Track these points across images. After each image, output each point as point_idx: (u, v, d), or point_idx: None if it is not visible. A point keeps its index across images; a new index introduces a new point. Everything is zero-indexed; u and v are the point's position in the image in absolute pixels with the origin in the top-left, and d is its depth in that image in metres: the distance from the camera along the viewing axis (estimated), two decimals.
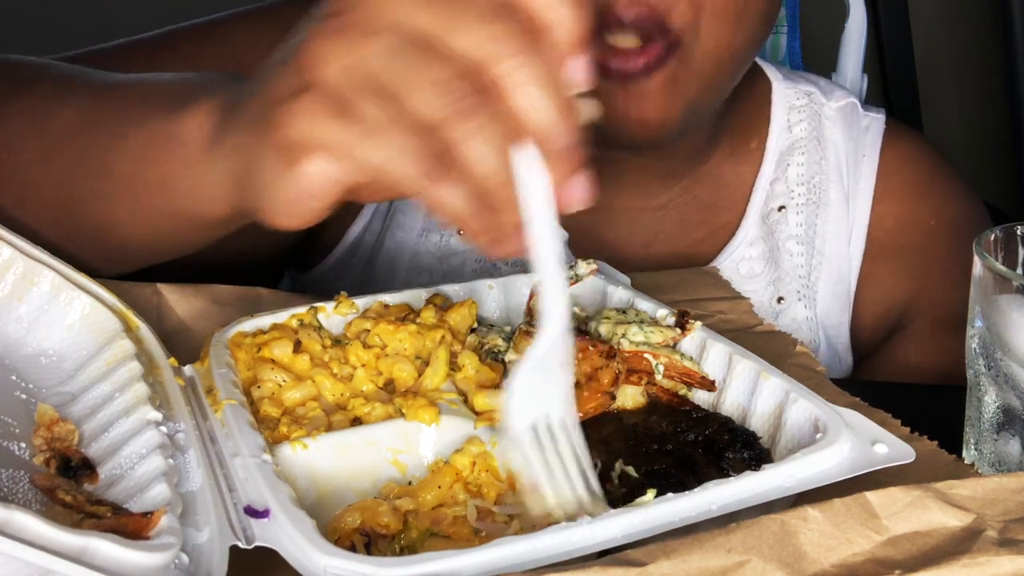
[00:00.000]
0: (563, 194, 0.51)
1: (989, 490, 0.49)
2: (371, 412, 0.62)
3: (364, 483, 0.58)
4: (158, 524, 0.47)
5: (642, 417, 0.63)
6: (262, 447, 0.55)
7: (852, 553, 0.47)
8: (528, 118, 0.49)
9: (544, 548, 0.47)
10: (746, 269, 1.01)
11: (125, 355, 0.62)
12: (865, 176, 1.04)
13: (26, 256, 0.66)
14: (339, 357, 0.65)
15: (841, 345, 1.03)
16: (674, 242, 1.02)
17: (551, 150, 0.50)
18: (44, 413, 0.58)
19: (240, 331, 0.68)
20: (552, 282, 0.53)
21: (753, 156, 1.04)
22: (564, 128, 0.50)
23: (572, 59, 0.50)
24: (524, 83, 0.49)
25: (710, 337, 0.66)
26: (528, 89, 0.49)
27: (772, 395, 0.60)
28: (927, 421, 0.60)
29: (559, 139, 0.50)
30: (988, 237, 0.65)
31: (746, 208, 1.02)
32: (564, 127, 0.50)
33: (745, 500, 0.50)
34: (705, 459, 0.59)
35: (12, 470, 0.52)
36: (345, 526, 0.54)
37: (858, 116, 1.06)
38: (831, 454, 0.53)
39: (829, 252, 1.02)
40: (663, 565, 0.44)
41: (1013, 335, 0.61)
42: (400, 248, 1.03)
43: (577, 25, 0.50)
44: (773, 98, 1.06)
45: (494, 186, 0.50)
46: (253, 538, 0.49)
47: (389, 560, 0.46)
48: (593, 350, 0.63)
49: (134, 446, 0.55)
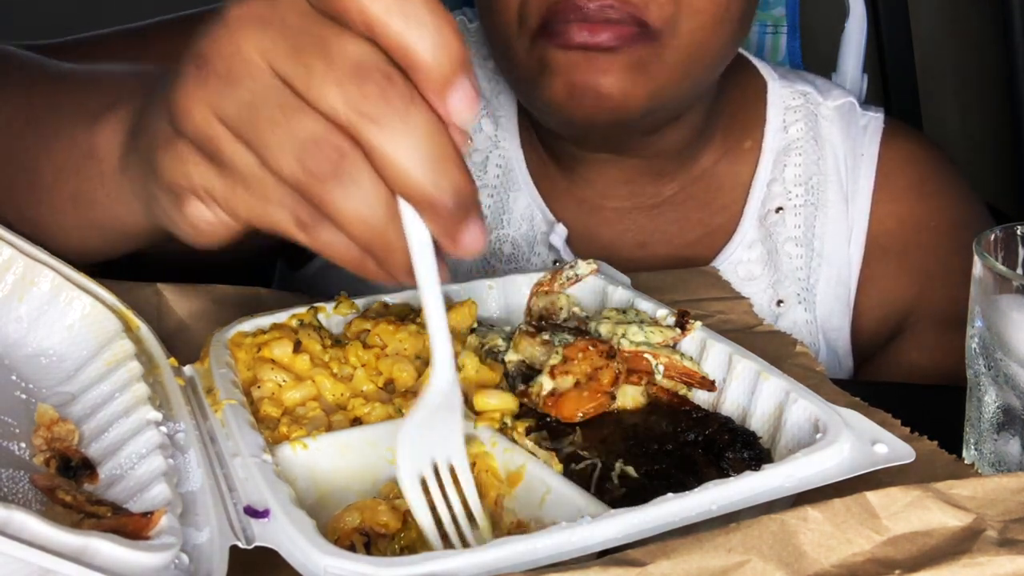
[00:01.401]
0: (451, 245, 0.48)
1: (989, 490, 0.49)
2: (371, 412, 0.62)
3: (364, 483, 0.58)
4: (158, 524, 0.47)
5: (642, 417, 0.63)
6: (262, 447, 0.55)
7: (852, 553, 0.47)
8: (399, 182, 0.46)
9: (544, 548, 0.47)
10: (744, 272, 1.00)
11: (125, 355, 0.62)
12: (864, 176, 1.03)
13: (26, 256, 0.66)
14: (339, 357, 0.65)
15: (841, 348, 1.03)
16: (670, 243, 1.02)
17: (431, 210, 0.47)
18: (44, 413, 0.58)
19: (240, 331, 0.68)
20: (437, 332, 0.51)
21: (748, 156, 1.04)
22: (440, 188, 0.46)
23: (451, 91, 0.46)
24: (393, 148, 0.45)
25: (710, 337, 0.66)
26: (397, 155, 0.45)
27: (772, 395, 0.60)
28: (927, 421, 0.60)
29: (436, 200, 0.46)
30: (988, 237, 0.65)
31: (743, 209, 1.02)
32: (440, 187, 0.46)
33: (745, 500, 0.50)
34: (705, 459, 0.59)
35: (12, 470, 0.52)
36: (344, 526, 0.54)
37: (856, 116, 1.06)
38: (831, 454, 0.53)
39: (828, 254, 1.02)
40: (663, 565, 0.44)
41: (1013, 335, 0.61)
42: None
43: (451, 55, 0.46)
44: (768, 98, 1.05)
45: (373, 236, 0.48)
46: (253, 538, 0.49)
47: (389, 560, 0.46)
48: (593, 350, 0.63)
49: (134, 446, 0.55)
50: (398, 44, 0.45)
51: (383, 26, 0.45)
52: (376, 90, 0.45)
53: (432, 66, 0.46)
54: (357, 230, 0.47)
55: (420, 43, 0.45)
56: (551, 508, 0.55)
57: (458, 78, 0.46)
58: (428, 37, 0.45)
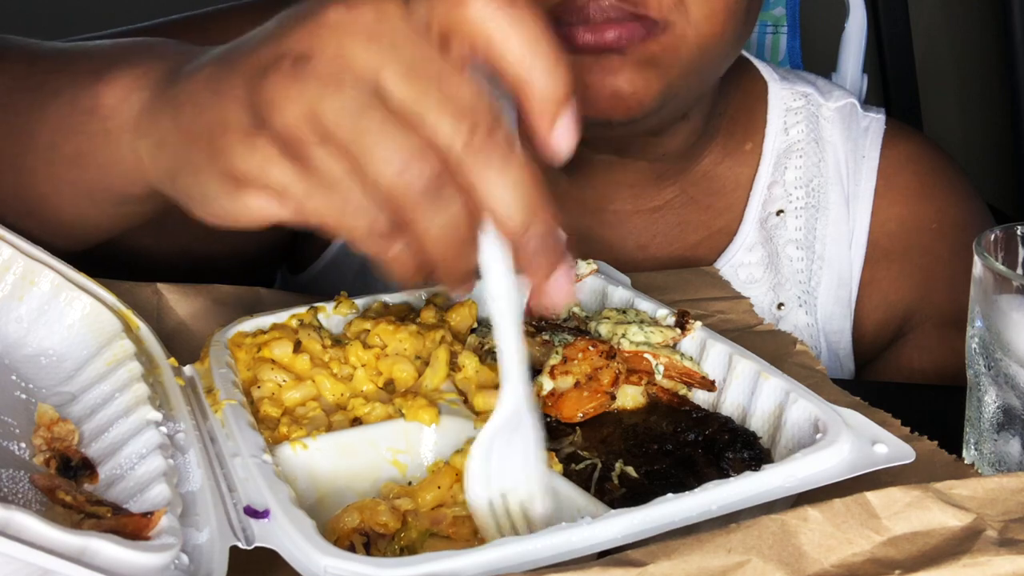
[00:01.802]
0: (541, 293, 0.50)
1: (989, 490, 0.49)
2: (371, 412, 0.62)
3: (364, 483, 0.58)
4: (158, 524, 0.47)
5: (642, 417, 0.63)
6: (262, 447, 0.55)
7: (852, 553, 0.47)
8: (498, 220, 0.48)
9: (544, 548, 0.47)
10: (745, 275, 1.00)
11: (125, 355, 0.62)
12: (865, 178, 1.03)
13: (26, 256, 0.66)
14: (339, 357, 0.65)
15: (843, 351, 1.03)
16: (671, 245, 1.02)
17: (523, 252, 0.49)
18: (44, 413, 0.58)
19: (240, 331, 0.68)
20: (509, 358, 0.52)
21: (749, 158, 1.03)
22: (536, 231, 0.49)
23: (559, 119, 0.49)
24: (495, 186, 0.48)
25: (710, 337, 0.66)
26: (500, 195, 0.48)
27: (772, 395, 0.60)
28: (927, 421, 0.60)
29: (531, 243, 0.49)
30: (988, 237, 0.65)
31: (743, 211, 1.02)
32: (536, 230, 0.49)
33: (745, 500, 0.50)
34: (705, 459, 0.59)
35: (12, 470, 0.52)
36: (344, 526, 0.54)
37: (857, 117, 1.05)
38: (831, 454, 0.53)
39: (830, 256, 1.02)
40: (663, 565, 0.44)
41: (1013, 335, 0.61)
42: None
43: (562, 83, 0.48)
44: (769, 99, 1.05)
45: (446, 256, 0.49)
46: (253, 538, 0.49)
47: (389, 560, 0.46)
48: (593, 350, 0.63)
49: (134, 446, 0.55)
50: (515, 70, 0.48)
51: (501, 48, 0.47)
52: (484, 131, 0.47)
53: (545, 94, 0.48)
54: (436, 247, 0.49)
55: (536, 70, 0.48)
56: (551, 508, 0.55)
57: (567, 107, 0.49)
58: (543, 64, 0.48)
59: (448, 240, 0.49)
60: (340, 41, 0.48)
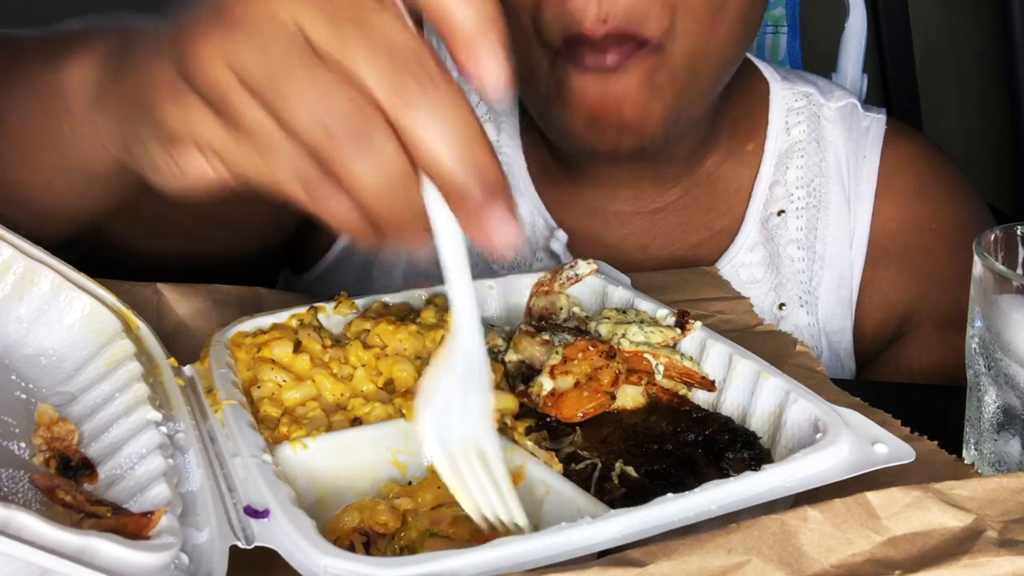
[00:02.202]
0: (478, 232, 0.47)
1: (989, 490, 0.49)
2: (371, 412, 0.62)
3: (364, 483, 0.58)
4: (158, 524, 0.47)
5: (642, 417, 0.63)
6: (262, 447, 0.55)
7: (852, 553, 0.47)
8: (428, 162, 0.45)
9: (544, 548, 0.47)
10: (746, 275, 1.00)
11: (125, 355, 0.62)
12: (866, 178, 1.03)
13: (26, 256, 0.65)
14: (339, 357, 0.65)
15: (844, 351, 1.03)
16: (672, 245, 1.02)
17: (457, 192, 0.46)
18: (44, 413, 0.58)
19: (240, 331, 0.68)
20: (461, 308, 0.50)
21: (750, 158, 1.03)
22: (468, 171, 0.45)
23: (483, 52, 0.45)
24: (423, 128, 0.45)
25: (710, 337, 0.66)
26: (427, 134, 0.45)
27: (772, 395, 0.60)
28: (927, 421, 0.60)
29: (464, 182, 0.45)
30: (988, 237, 0.65)
31: (745, 212, 1.02)
32: (468, 170, 0.45)
33: (745, 500, 0.50)
34: (705, 459, 0.59)
35: (12, 470, 0.52)
36: (344, 526, 0.54)
37: (858, 117, 1.05)
38: (831, 454, 0.53)
39: (830, 256, 1.02)
40: (663, 565, 0.44)
41: (1013, 335, 0.61)
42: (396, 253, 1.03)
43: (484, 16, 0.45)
44: (771, 100, 1.05)
45: (384, 205, 0.46)
46: (253, 538, 0.49)
47: (389, 560, 0.46)
48: (593, 350, 0.63)
49: (134, 446, 0.55)
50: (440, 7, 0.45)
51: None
52: (409, 71, 0.45)
53: (467, 25, 0.45)
54: (370, 196, 0.46)
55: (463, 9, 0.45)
56: (551, 508, 0.55)
57: (491, 39, 0.46)
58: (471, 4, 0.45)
59: (382, 187, 0.46)
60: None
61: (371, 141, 0.45)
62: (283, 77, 0.45)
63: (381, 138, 0.45)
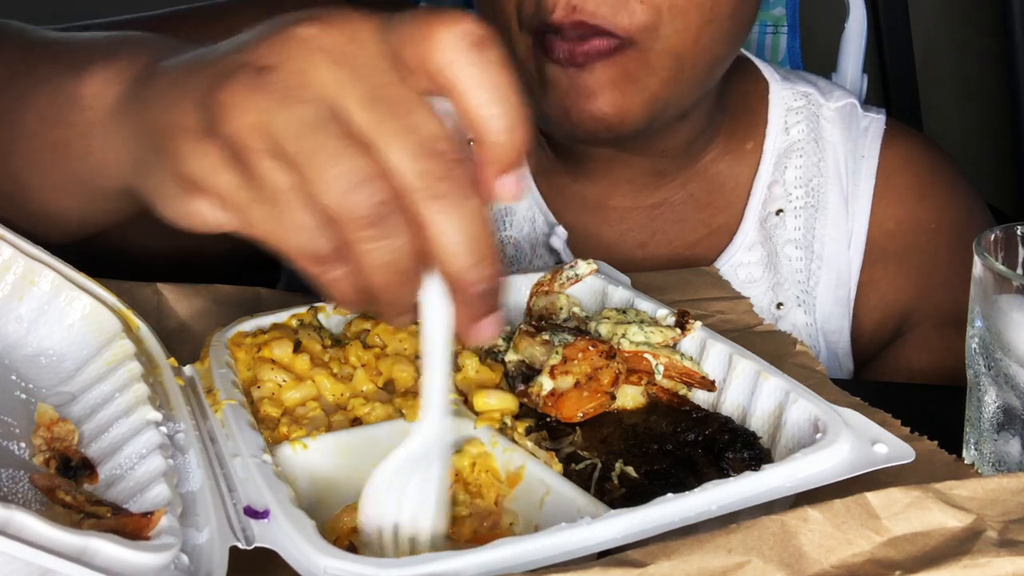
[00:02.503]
0: (469, 331, 0.50)
1: (989, 490, 0.49)
2: (371, 412, 0.62)
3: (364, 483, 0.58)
4: (158, 524, 0.47)
5: (642, 417, 0.63)
6: (262, 447, 0.55)
7: (852, 554, 0.47)
8: (445, 259, 0.47)
9: (544, 548, 0.47)
10: (745, 274, 1.00)
11: (125, 355, 0.62)
12: (865, 178, 1.03)
13: (26, 256, 0.66)
14: (339, 357, 0.65)
15: (842, 350, 1.03)
16: (671, 243, 1.02)
17: (462, 294, 0.48)
18: (44, 413, 0.58)
19: (240, 331, 0.68)
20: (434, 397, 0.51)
21: (750, 157, 1.03)
22: (479, 275, 0.47)
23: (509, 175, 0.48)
24: (446, 227, 0.46)
25: (710, 337, 0.66)
26: (449, 234, 0.47)
27: (772, 395, 0.60)
28: (927, 421, 0.60)
29: (473, 287, 0.48)
30: (988, 237, 0.65)
31: (744, 211, 1.02)
32: (479, 274, 0.47)
33: (745, 500, 0.50)
34: (705, 459, 0.59)
35: (12, 470, 0.52)
36: (343, 526, 0.54)
37: (857, 117, 1.05)
38: (831, 454, 0.53)
39: (828, 256, 1.02)
40: (663, 565, 0.44)
41: (1013, 335, 0.61)
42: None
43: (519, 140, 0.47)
44: (770, 99, 1.05)
45: (387, 289, 0.48)
46: (253, 538, 0.49)
47: (389, 560, 0.46)
48: (593, 350, 0.63)
49: (134, 446, 0.55)
50: (476, 115, 0.46)
51: (465, 91, 0.46)
52: (442, 170, 0.46)
53: (501, 148, 0.47)
54: (376, 278, 0.48)
55: (496, 122, 0.47)
56: (551, 508, 0.55)
57: (517, 165, 0.48)
58: (504, 117, 0.46)
59: (389, 271, 0.48)
60: (306, 56, 0.47)
61: (391, 229, 0.47)
62: (317, 151, 0.46)
63: (399, 227, 0.47)
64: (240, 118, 0.47)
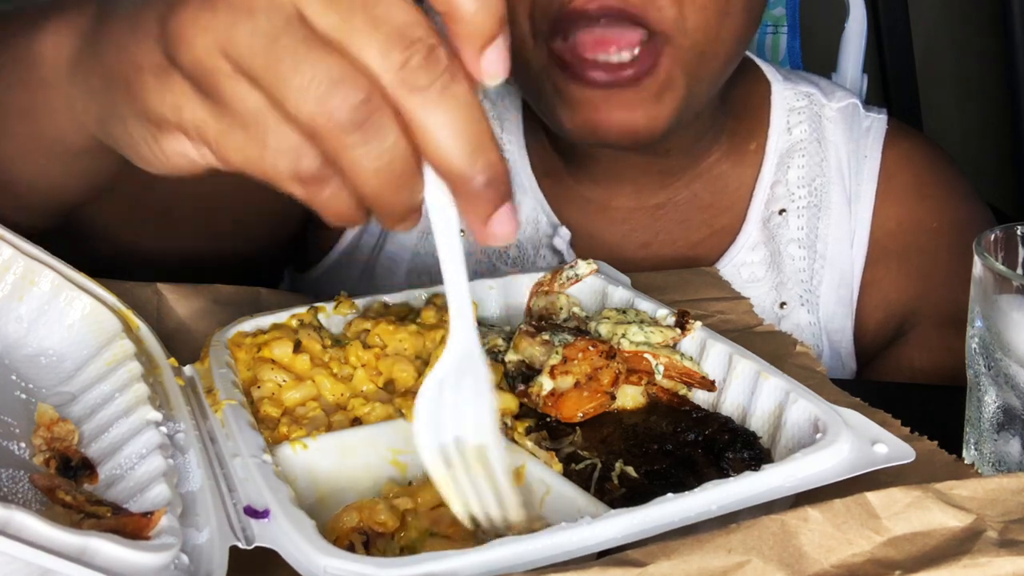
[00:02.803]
0: (480, 226, 0.46)
1: (989, 490, 0.49)
2: (371, 412, 0.62)
3: (364, 483, 0.58)
4: (158, 524, 0.47)
5: (642, 417, 0.63)
6: (262, 447, 0.55)
7: (852, 553, 0.47)
8: (436, 154, 0.44)
9: (544, 548, 0.47)
10: (747, 274, 1.00)
11: (125, 355, 0.62)
12: (867, 178, 1.03)
13: (26, 256, 0.66)
14: (339, 357, 0.65)
15: (844, 350, 1.03)
16: (673, 243, 1.02)
17: (464, 189, 0.45)
18: (44, 413, 0.58)
19: (240, 331, 0.68)
20: (457, 301, 0.49)
21: (753, 158, 1.03)
22: (476, 165, 0.44)
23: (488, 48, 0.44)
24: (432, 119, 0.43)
25: (710, 337, 0.66)
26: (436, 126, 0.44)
27: (772, 395, 0.60)
28: (927, 421, 0.60)
29: (471, 176, 0.44)
30: (988, 237, 0.65)
31: (746, 211, 1.02)
32: (476, 164, 0.44)
33: (745, 500, 0.50)
34: (705, 459, 0.59)
35: (12, 470, 0.52)
36: (343, 525, 0.54)
37: (859, 117, 1.06)
38: (831, 454, 0.53)
39: (831, 256, 1.02)
40: (663, 565, 0.44)
41: (1013, 335, 0.61)
42: (400, 250, 1.03)
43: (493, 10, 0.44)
44: (772, 99, 1.05)
45: (383, 192, 0.45)
46: (253, 538, 0.49)
47: (389, 560, 0.46)
48: (593, 350, 0.63)
49: (134, 446, 0.55)
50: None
51: None
52: (420, 59, 0.43)
53: (478, 18, 0.44)
54: (370, 184, 0.45)
55: None
56: (551, 508, 0.55)
57: (497, 35, 0.45)
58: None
59: (384, 175, 0.44)
60: None
61: (376, 128, 0.44)
62: (283, 61, 0.43)
63: (386, 126, 0.44)
64: (196, 42, 0.44)
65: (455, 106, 0.44)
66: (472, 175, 0.45)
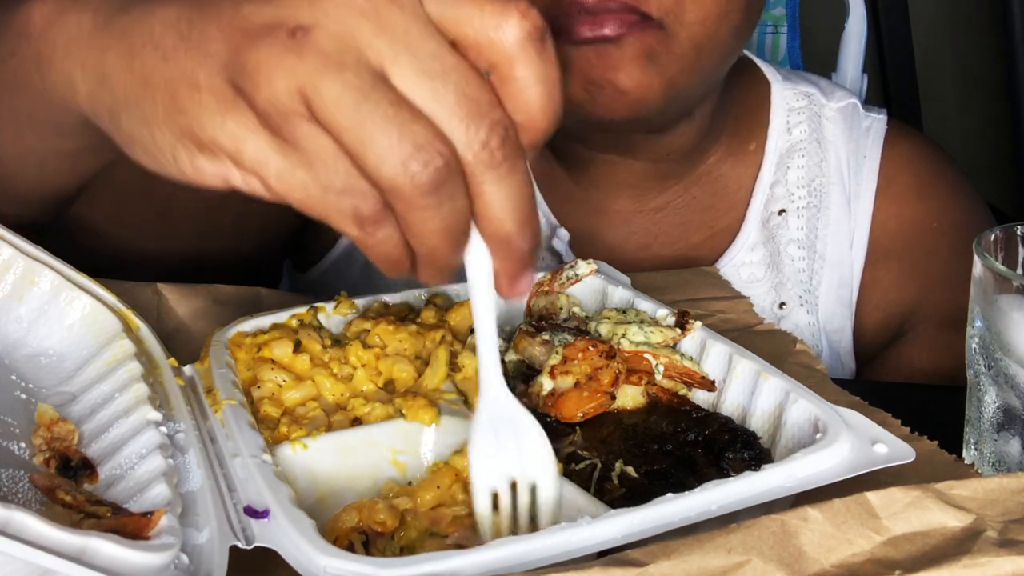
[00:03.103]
0: (508, 286, 0.51)
1: (989, 490, 0.49)
2: (371, 412, 0.62)
3: (364, 483, 0.58)
4: (158, 524, 0.47)
5: (642, 417, 0.63)
6: (262, 447, 0.55)
7: (852, 553, 0.47)
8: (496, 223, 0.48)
9: (544, 548, 0.47)
10: (747, 274, 1.00)
11: (125, 355, 0.62)
12: (867, 178, 1.03)
13: (26, 256, 0.66)
14: (339, 357, 0.65)
15: (844, 350, 1.03)
16: (673, 245, 1.02)
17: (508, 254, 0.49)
18: (44, 413, 0.58)
19: (240, 331, 0.68)
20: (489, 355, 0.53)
21: (752, 158, 1.03)
22: (524, 238, 0.49)
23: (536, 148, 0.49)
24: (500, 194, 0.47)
25: (710, 337, 0.66)
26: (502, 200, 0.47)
27: (772, 395, 0.60)
28: (927, 421, 0.60)
29: (517, 247, 0.49)
30: (988, 237, 0.65)
31: (746, 211, 1.02)
32: (524, 237, 0.49)
33: (745, 500, 0.50)
34: (705, 459, 0.59)
35: (12, 470, 0.52)
36: (343, 525, 0.54)
37: (859, 117, 1.06)
38: (831, 454, 0.53)
39: (831, 256, 1.02)
40: (663, 565, 0.44)
41: (1013, 335, 0.61)
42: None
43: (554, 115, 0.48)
44: (772, 99, 1.05)
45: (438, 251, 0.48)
46: (253, 538, 0.49)
47: (389, 560, 0.46)
48: (593, 350, 0.63)
49: (134, 446, 0.55)
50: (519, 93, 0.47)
51: (509, 68, 0.46)
52: (499, 141, 0.46)
53: (538, 125, 0.48)
54: (430, 241, 0.48)
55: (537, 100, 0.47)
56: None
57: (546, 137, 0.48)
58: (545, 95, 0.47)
59: (445, 235, 0.47)
60: (348, 19, 0.45)
61: (450, 193, 0.46)
62: (370, 119, 0.45)
63: (458, 191, 0.47)
64: (278, 84, 0.45)
65: (518, 183, 0.48)
66: (520, 243, 0.49)
